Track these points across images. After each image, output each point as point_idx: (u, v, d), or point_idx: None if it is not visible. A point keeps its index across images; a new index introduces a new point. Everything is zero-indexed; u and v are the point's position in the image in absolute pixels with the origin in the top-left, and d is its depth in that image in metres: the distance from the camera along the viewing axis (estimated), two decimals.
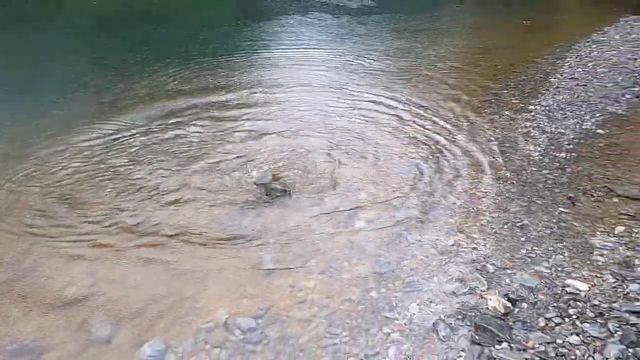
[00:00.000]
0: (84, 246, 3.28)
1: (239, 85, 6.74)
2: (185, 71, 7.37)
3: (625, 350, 2.23)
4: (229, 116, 5.58)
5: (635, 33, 9.27)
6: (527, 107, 5.80)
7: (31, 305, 2.76)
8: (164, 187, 4.01)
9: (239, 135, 5.05)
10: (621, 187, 3.85)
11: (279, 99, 6.19)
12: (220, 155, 4.60)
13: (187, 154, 4.63)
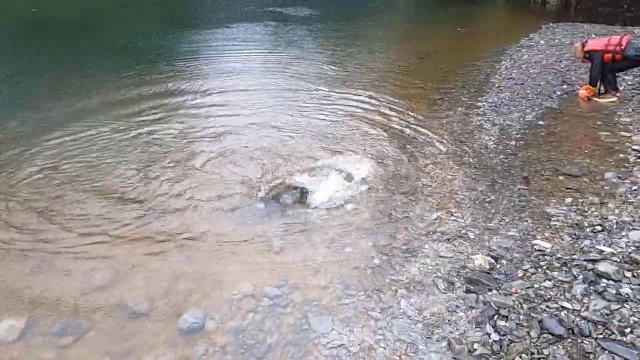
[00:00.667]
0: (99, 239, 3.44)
1: (181, 90, 6.97)
2: (142, 76, 7.51)
3: (587, 287, 2.78)
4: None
5: (557, 38, 10.39)
6: (476, 103, 6.48)
7: (63, 291, 2.92)
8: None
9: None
10: (564, 167, 4.52)
11: (235, 102, 6.49)
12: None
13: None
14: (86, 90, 6.92)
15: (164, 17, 15.34)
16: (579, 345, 2.36)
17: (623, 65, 6.16)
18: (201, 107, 6.36)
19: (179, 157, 4.79)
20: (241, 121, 5.81)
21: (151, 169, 4.52)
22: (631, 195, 3.91)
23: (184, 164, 4.62)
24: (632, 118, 5.65)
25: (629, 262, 2.94)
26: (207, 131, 5.51)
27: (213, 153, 4.91)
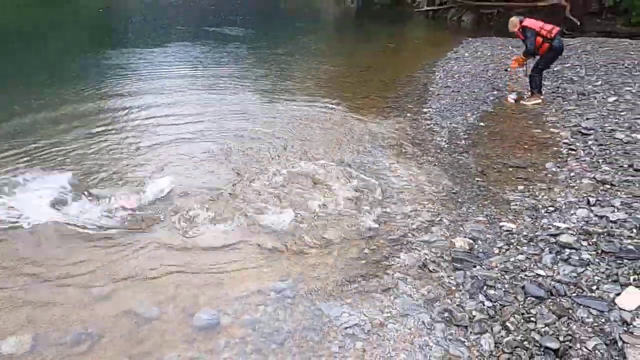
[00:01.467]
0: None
1: (116, 108, 6.89)
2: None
3: (555, 257, 3.18)
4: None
5: (479, 51, 11.35)
6: (422, 110, 6.98)
7: (64, 304, 2.87)
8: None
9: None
10: (511, 161, 5.05)
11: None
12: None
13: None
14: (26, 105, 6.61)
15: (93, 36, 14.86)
16: (559, 303, 2.73)
17: (547, 59, 6.88)
18: (139, 121, 6.30)
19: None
20: (194, 130, 5.87)
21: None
22: (571, 180, 4.47)
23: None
24: (557, 117, 6.37)
25: (583, 233, 3.40)
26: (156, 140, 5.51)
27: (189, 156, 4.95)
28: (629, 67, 8.13)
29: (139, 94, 7.57)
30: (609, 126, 5.65)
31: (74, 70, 9.32)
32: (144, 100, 7.20)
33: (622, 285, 2.80)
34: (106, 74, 8.90)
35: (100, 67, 9.53)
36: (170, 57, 11.03)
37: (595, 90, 7.20)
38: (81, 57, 10.63)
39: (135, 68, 9.46)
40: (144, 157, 5.09)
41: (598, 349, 2.37)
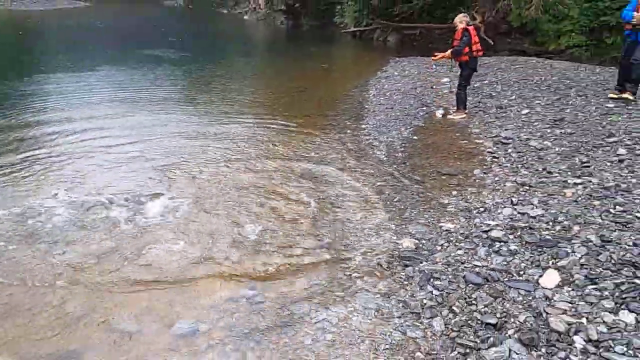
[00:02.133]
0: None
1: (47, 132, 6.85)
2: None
3: (488, 249, 3.68)
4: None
5: (407, 70, 12.18)
6: (361, 126, 7.48)
7: (39, 325, 2.95)
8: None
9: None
10: (443, 169, 5.60)
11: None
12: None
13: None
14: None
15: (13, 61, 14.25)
16: (494, 287, 3.19)
17: (466, 77, 7.63)
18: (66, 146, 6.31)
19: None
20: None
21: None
22: (496, 184, 5.06)
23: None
24: (480, 129, 7.08)
25: (509, 228, 3.94)
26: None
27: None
28: (538, 83, 9.15)
29: (61, 120, 7.50)
30: (525, 135, 6.40)
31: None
32: (67, 126, 7.16)
33: (543, 268, 3.32)
34: (28, 101, 8.67)
35: (21, 94, 9.24)
36: (100, 81, 10.90)
37: (511, 104, 8.06)
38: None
39: (60, 92, 9.31)
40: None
41: (528, 320, 2.83)
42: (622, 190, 4.39)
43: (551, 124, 6.74)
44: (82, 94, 9.37)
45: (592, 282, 3.12)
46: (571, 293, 3.04)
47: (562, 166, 5.24)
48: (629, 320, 2.72)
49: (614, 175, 4.76)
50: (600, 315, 2.79)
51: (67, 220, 4.26)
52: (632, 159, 5.06)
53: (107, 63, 13.50)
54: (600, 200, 4.27)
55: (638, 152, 5.22)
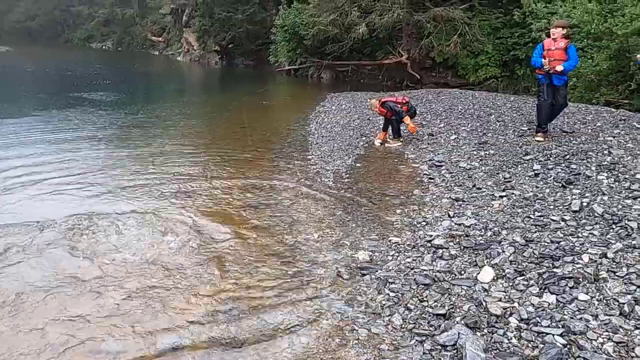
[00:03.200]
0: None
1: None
2: None
3: (432, 255, 4.20)
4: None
5: (343, 104, 12.94)
6: (307, 156, 7.97)
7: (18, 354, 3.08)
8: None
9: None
10: (387, 191, 6.16)
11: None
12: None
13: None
14: None
15: None
16: (441, 286, 3.69)
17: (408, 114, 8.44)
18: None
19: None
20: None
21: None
22: (434, 201, 5.67)
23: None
24: (415, 154, 7.79)
25: (449, 236, 4.50)
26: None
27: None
28: (462, 111, 10.14)
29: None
30: (455, 158, 7.15)
31: None
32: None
33: (479, 267, 3.87)
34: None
35: None
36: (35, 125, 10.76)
37: (440, 131, 8.90)
38: None
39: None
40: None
41: (471, 309, 3.33)
42: (539, 199, 5.13)
43: (476, 146, 7.56)
44: (16, 137, 9.24)
45: (520, 274, 3.70)
46: (504, 284, 3.59)
47: (489, 182, 5.95)
48: (551, 300, 3.30)
49: (532, 187, 5.52)
50: (528, 299, 3.35)
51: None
52: (545, 172, 5.87)
53: (44, 107, 13.27)
54: (522, 208, 4.96)
55: (550, 166, 6.04)
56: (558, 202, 4.99)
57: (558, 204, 4.94)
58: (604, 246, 3.89)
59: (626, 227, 4.18)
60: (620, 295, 3.23)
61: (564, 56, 6.92)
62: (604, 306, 3.16)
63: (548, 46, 7.08)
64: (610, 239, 4.02)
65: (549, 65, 6.98)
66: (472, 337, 3.01)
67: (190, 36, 39.41)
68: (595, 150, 6.41)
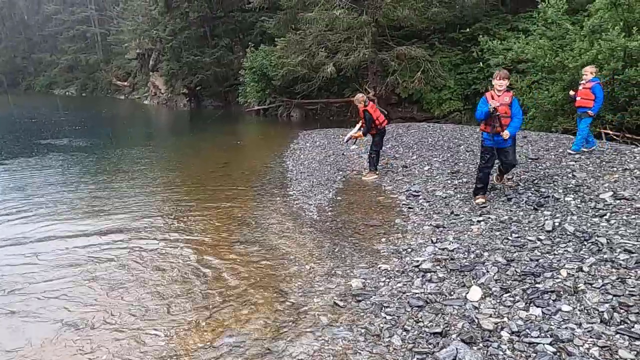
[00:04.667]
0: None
1: None
2: None
3: (422, 279, 4.41)
4: None
5: (317, 141, 13.29)
6: (288, 193, 8.16)
7: None
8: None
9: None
10: (370, 222, 6.38)
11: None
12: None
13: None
14: None
15: None
16: (434, 307, 3.89)
17: (377, 143, 8.74)
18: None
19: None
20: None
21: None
22: (416, 229, 5.92)
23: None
24: (392, 186, 8.09)
25: (435, 261, 4.73)
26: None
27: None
28: (432, 143, 10.60)
29: None
30: (431, 187, 7.48)
31: None
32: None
33: (468, 287, 4.10)
34: None
35: None
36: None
37: (414, 162, 9.28)
38: None
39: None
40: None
41: (465, 326, 3.53)
42: (514, 222, 5.45)
43: (450, 176, 7.94)
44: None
45: (506, 291, 3.95)
46: (492, 301, 3.82)
47: (465, 209, 6.27)
48: (537, 312, 3.54)
49: (506, 211, 5.85)
50: (517, 313, 3.58)
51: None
52: (517, 196, 6.24)
53: (8, 155, 13.07)
54: (499, 231, 5.27)
55: (520, 191, 6.43)
56: (532, 223, 5.32)
57: (532, 225, 5.27)
58: (579, 261, 4.20)
59: (596, 242, 4.52)
60: (599, 305, 3.51)
61: (509, 112, 5.98)
62: (585, 315, 3.42)
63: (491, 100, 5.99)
64: (584, 255, 4.34)
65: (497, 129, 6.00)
66: (470, 352, 3.20)
67: (157, 80, 39.65)
68: (560, 174, 6.86)
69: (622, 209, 5.19)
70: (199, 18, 31.94)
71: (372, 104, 8.83)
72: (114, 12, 55.21)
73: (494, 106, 5.94)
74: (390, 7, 17.39)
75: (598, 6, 11.24)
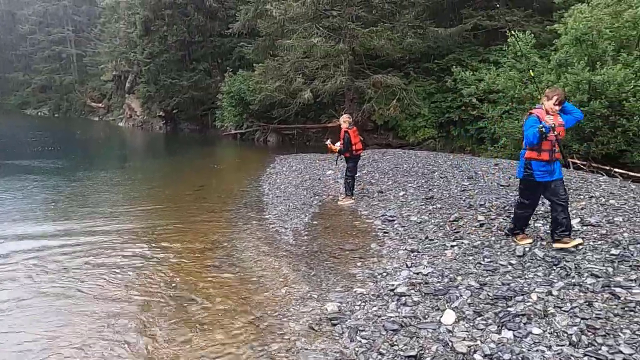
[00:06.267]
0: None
1: None
2: None
3: (397, 302, 4.44)
4: None
5: (294, 165, 13.36)
6: (264, 217, 8.15)
7: None
8: None
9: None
10: (345, 246, 6.42)
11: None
12: None
13: None
14: None
15: None
16: (409, 330, 3.92)
17: (351, 168, 8.81)
18: None
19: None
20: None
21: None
22: (391, 253, 5.98)
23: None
24: (368, 211, 8.17)
25: (410, 284, 4.78)
26: None
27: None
28: (407, 169, 10.78)
29: None
30: (406, 213, 7.59)
31: None
32: None
33: (442, 310, 4.15)
34: None
35: None
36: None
37: (389, 188, 9.41)
38: None
39: None
40: None
41: (439, 349, 3.57)
42: (486, 247, 5.57)
43: (424, 201, 8.07)
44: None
45: (479, 314, 4.02)
46: (466, 325, 3.88)
47: (439, 234, 6.38)
48: (509, 335, 3.61)
49: (479, 236, 5.98)
50: (489, 336, 3.64)
51: None
52: (489, 222, 6.39)
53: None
54: (472, 255, 5.37)
55: (492, 217, 6.58)
56: (504, 248, 5.45)
57: (504, 250, 5.39)
58: (548, 285, 4.32)
59: (565, 267, 4.66)
60: (568, 327, 3.60)
61: (563, 134, 5.07)
62: (555, 338, 3.51)
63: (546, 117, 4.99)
64: (553, 279, 4.46)
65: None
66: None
67: (133, 102, 39.36)
68: None
69: (589, 235, 5.37)
70: (178, 42, 32.04)
71: (355, 129, 8.95)
72: (91, 33, 54.94)
73: (552, 124, 4.82)
74: (367, 37, 17.83)
75: (564, 41, 11.79)
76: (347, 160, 8.84)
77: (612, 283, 4.19)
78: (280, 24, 19.70)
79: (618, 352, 3.24)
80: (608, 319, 3.65)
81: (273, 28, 20.88)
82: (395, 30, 18.49)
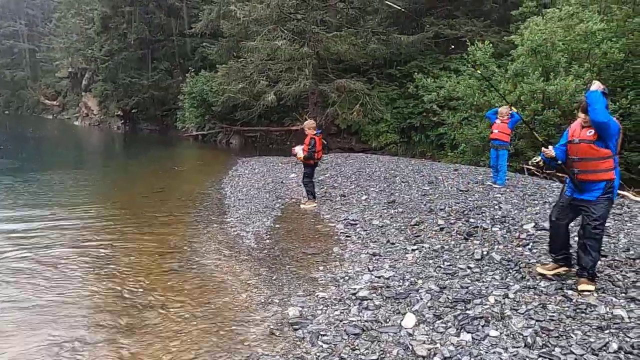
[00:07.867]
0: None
1: None
2: None
3: (358, 307, 4.44)
4: None
5: (257, 168, 13.26)
6: (226, 220, 8.03)
7: None
8: None
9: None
10: (308, 250, 6.39)
11: None
12: None
13: None
14: None
15: None
16: (370, 334, 3.93)
17: (309, 172, 8.77)
18: None
19: None
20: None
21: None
22: (353, 257, 6.00)
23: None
24: (330, 214, 8.18)
25: (372, 288, 4.81)
26: None
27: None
28: (370, 174, 10.87)
29: None
30: (368, 217, 7.64)
31: None
32: None
33: (402, 314, 4.19)
34: None
35: None
36: None
37: (352, 192, 9.46)
38: None
39: None
40: None
41: (399, 353, 3.59)
42: (446, 251, 5.67)
43: (386, 205, 8.15)
44: None
45: (438, 317, 4.08)
46: (426, 328, 3.93)
47: (401, 237, 6.45)
48: (467, 338, 3.67)
49: (439, 240, 6.08)
50: (448, 339, 3.70)
51: None
52: (448, 226, 6.52)
53: None
54: (433, 259, 5.46)
55: (452, 221, 6.72)
56: (463, 252, 5.56)
57: (463, 253, 5.51)
58: (505, 288, 4.43)
59: (520, 270, 4.79)
60: (523, 329, 3.70)
61: (593, 151, 4.35)
62: (511, 340, 3.59)
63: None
64: (509, 282, 4.58)
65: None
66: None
67: (90, 100, 38.12)
68: (488, 205, 7.25)
69: (543, 239, 5.55)
70: (138, 40, 31.28)
71: (320, 136, 8.94)
72: (45, 28, 52.87)
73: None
74: (331, 41, 17.93)
75: (520, 52, 12.22)
76: (306, 165, 8.80)
77: (565, 286, 4.34)
78: (244, 25, 19.55)
79: (570, 353, 3.35)
80: (561, 320, 3.78)
81: (237, 29, 20.71)
82: (359, 35, 18.68)
